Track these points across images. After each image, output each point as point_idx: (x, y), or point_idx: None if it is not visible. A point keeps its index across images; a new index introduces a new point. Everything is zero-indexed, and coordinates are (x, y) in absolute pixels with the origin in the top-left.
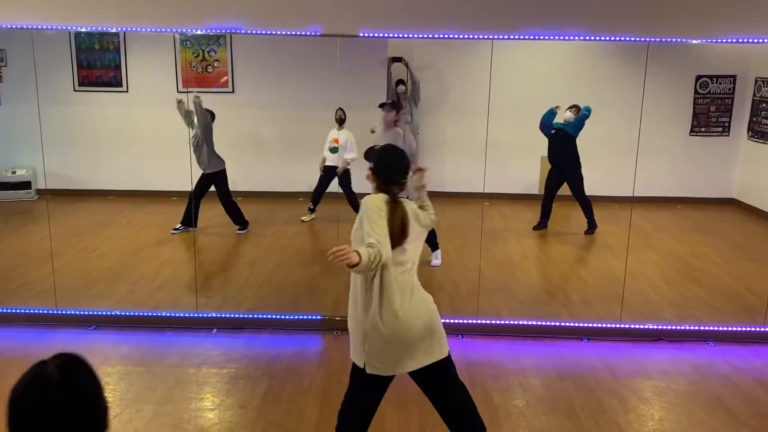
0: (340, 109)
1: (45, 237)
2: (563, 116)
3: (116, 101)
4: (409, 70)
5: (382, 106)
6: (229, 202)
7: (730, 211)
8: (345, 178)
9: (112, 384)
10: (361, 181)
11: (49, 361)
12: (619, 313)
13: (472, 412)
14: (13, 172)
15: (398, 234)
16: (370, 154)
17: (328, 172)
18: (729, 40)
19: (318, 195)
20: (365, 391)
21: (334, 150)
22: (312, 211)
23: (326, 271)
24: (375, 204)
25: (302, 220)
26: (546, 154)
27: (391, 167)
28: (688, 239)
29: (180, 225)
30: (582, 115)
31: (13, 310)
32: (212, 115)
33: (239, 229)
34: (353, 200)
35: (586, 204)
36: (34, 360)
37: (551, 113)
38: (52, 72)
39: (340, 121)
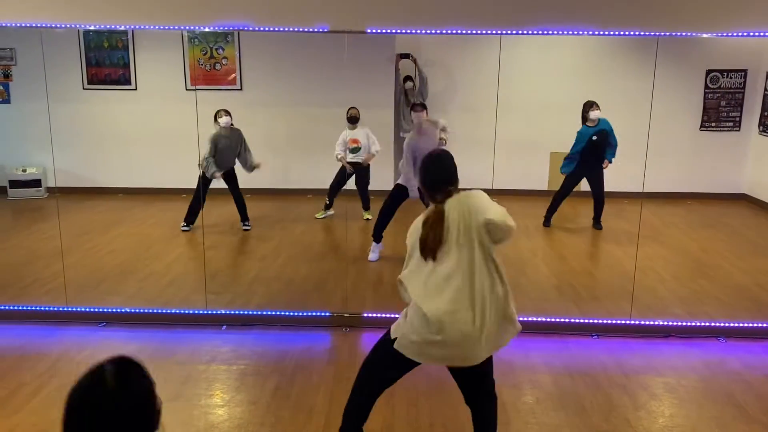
0: (354, 108)
1: (55, 234)
2: (591, 117)
3: (125, 99)
4: (417, 66)
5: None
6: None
7: (740, 207)
8: (365, 175)
9: None
10: (378, 178)
11: (106, 364)
12: (629, 310)
13: (488, 424)
14: (24, 170)
15: (429, 245)
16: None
17: (342, 169)
18: (739, 34)
19: (335, 191)
20: (383, 361)
21: (355, 150)
22: (328, 207)
23: (335, 268)
24: (413, 225)
25: (317, 217)
26: (555, 150)
27: (434, 180)
28: (699, 235)
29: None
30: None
31: (24, 307)
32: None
33: (246, 226)
34: (367, 198)
35: (603, 200)
36: (43, 356)
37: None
38: (62, 70)
39: (354, 120)
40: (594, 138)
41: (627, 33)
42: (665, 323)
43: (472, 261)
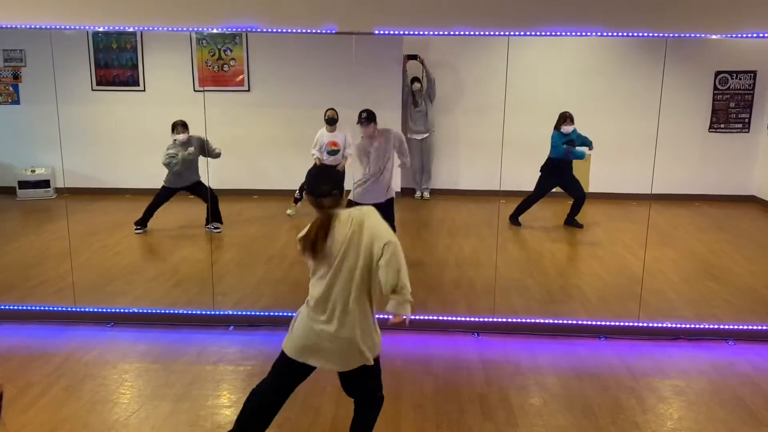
0: (332, 109)
1: (64, 235)
2: (563, 131)
3: (133, 100)
4: (424, 67)
5: (358, 122)
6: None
7: (749, 209)
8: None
9: (130, 381)
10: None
11: None
12: (637, 312)
13: (359, 425)
14: (33, 171)
15: (310, 245)
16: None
17: None
18: (749, 35)
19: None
20: (279, 364)
21: (333, 152)
22: (298, 201)
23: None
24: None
25: (288, 213)
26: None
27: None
28: (707, 237)
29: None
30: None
31: (33, 307)
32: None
33: (216, 228)
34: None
35: (583, 200)
36: (52, 356)
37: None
38: (70, 72)
39: (333, 122)
40: (563, 146)
41: (635, 34)
42: (674, 325)
43: (351, 271)
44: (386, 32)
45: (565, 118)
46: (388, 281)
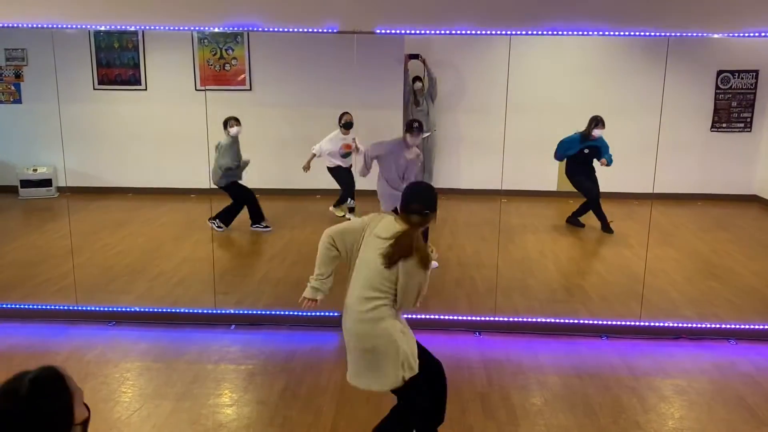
0: (348, 113)
1: (66, 234)
2: (594, 134)
3: (135, 99)
4: (426, 66)
5: (410, 130)
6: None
7: (751, 208)
8: (350, 174)
9: (131, 380)
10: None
11: (29, 372)
12: (639, 311)
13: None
14: (35, 170)
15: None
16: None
17: (342, 172)
18: (751, 34)
19: (352, 189)
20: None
21: (347, 155)
22: (352, 210)
23: (343, 269)
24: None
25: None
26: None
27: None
28: (709, 236)
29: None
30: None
31: (35, 306)
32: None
33: (219, 226)
34: (344, 198)
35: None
36: (53, 355)
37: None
38: (72, 71)
39: (350, 126)
40: (585, 151)
41: (637, 33)
42: (675, 325)
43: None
44: (387, 31)
45: (597, 122)
46: None
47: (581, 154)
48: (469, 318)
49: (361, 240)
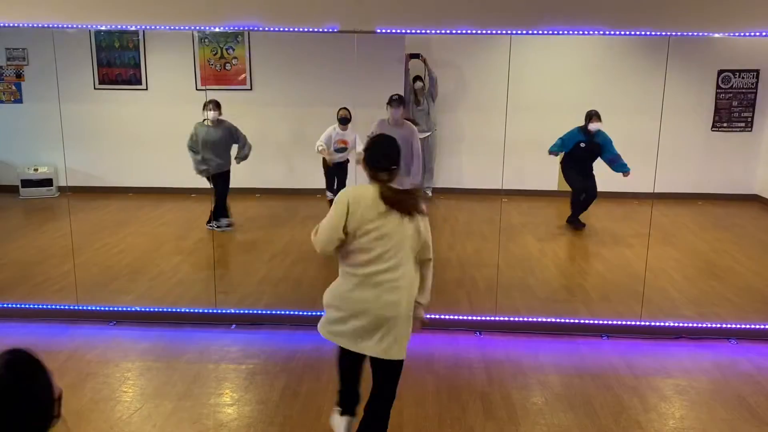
0: (345, 108)
1: (66, 234)
2: (590, 128)
3: (136, 99)
4: (426, 66)
5: (390, 102)
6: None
7: (752, 208)
8: (344, 170)
9: (132, 379)
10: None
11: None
12: (639, 311)
13: (372, 422)
14: (35, 170)
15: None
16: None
17: (336, 168)
18: (751, 34)
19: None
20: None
21: (340, 150)
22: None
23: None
24: (340, 198)
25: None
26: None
27: (379, 154)
28: (710, 236)
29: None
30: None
31: (35, 306)
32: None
33: (218, 226)
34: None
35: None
36: (54, 354)
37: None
38: (73, 70)
39: (346, 121)
40: (582, 145)
41: (638, 33)
42: (676, 324)
43: None
44: (388, 31)
45: (590, 116)
46: None
47: (578, 148)
48: (470, 318)
49: (358, 226)
